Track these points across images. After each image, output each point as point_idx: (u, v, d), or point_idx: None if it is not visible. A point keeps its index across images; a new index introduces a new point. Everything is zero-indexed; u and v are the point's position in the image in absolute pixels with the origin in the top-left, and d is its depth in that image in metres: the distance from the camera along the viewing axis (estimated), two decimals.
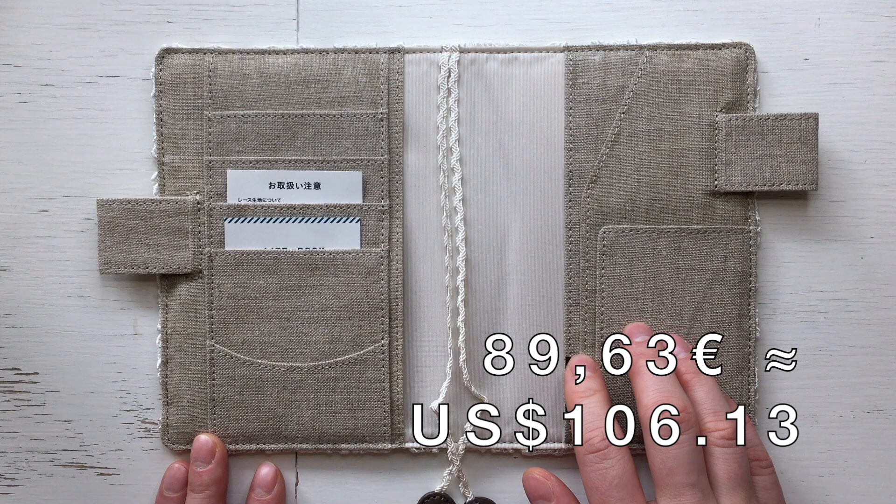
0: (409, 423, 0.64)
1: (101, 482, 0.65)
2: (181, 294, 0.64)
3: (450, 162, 0.63)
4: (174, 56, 0.63)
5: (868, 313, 0.64)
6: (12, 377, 0.65)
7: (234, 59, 0.63)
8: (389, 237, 0.63)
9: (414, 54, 0.63)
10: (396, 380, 0.64)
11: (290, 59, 0.63)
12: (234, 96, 0.63)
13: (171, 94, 0.63)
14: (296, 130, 0.63)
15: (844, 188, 0.64)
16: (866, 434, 0.64)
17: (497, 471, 0.65)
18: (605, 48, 0.63)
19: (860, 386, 0.64)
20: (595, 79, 0.63)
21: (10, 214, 0.64)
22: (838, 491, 0.64)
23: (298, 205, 0.63)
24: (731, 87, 0.62)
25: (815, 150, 0.62)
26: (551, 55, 0.63)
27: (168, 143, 0.64)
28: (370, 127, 0.63)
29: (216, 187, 0.63)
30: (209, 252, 0.63)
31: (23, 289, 0.65)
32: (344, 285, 0.63)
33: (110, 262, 0.63)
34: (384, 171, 0.63)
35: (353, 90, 0.63)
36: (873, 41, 0.63)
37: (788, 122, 0.62)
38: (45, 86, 0.64)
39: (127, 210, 0.63)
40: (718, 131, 0.62)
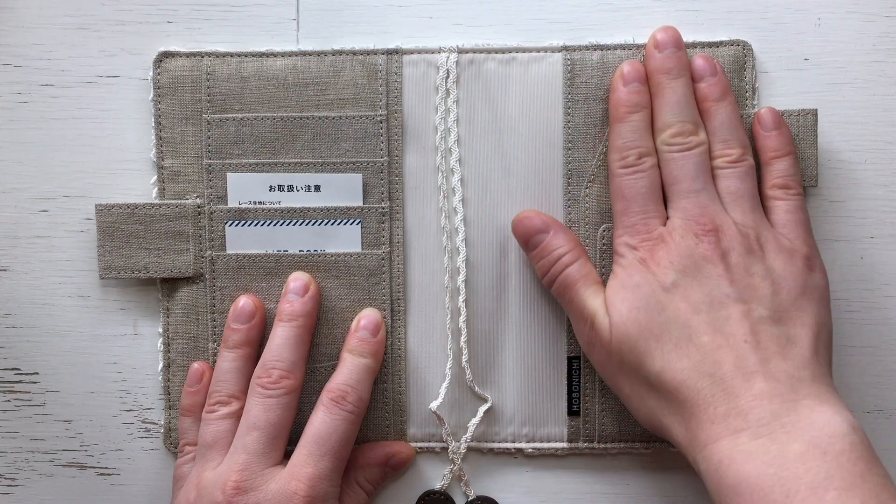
0: (412, 424, 0.64)
1: (101, 482, 0.65)
2: (182, 298, 0.64)
3: (449, 163, 0.63)
4: (172, 60, 0.63)
5: (868, 313, 0.64)
6: (12, 377, 0.65)
7: (232, 62, 0.63)
8: (390, 239, 0.63)
9: (412, 55, 0.63)
10: (399, 380, 0.64)
11: (289, 62, 0.63)
12: (233, 99, 0.63)
13: (170, 97, 0.63)
14: (295, 133, 0.63)
15: (844, 188, 0.63)
16: (866, 434, 0.64)
17: (499, 469, 0.65)
18: (603, 48, 0.63)
19: (860, 386, 0.64)
20: (593, 78, 0.63)
21: (10, 214, 0.64)
22: None
23: (299, 207, 0.63)
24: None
25: (815, 146, 0.62)
26: (549, 55, 0.63)
27: (167, 146, 0.63)
28: (369, 129, 0.63)
29: (216, 191, 0.63)
30: (210, 255, 0.63)
31: (23, 289, 0.65)
32: (346, 287, 0.63)
33: (110, 266, 0.63)
34: (384, 173, 0.63)
35: (351, 92, 0.63)
36: (873, 41, 0.63)
37: (787, 119, 0.61)
38: (45, 86, 0.64)
39: (126, 214, 0.63)
40: None
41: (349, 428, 0.59)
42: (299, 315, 0.61)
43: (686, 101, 0.59)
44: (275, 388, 0.59)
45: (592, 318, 0.58)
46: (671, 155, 0.58)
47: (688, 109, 0.59)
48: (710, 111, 0.60)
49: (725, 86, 0.60)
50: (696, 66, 0.60)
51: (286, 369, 0.60)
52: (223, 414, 0.60)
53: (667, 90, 0.59)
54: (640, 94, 0.60)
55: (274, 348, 0.60)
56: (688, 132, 0.58)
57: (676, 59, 0.60)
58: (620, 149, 0.59)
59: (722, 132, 0.59)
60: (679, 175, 0.58)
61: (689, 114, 0.59)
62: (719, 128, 0.59)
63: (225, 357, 0.61)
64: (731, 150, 0.59)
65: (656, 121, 0.60)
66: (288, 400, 0.60)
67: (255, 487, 0.57)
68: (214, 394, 0.61)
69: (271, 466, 0.58)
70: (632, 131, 0.59)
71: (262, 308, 0.63)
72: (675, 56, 0.60)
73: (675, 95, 0.59)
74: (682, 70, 0.60)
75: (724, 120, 0.59)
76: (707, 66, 0.60)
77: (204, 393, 0.62)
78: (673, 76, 0.60)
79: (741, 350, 0.54)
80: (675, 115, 0.59)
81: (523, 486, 0.64)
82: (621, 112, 0.60)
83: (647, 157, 0.59)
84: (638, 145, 0.59)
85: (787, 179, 0.60)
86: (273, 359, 0.60)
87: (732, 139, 0.59)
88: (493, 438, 0.64)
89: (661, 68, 0.60)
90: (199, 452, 0.60)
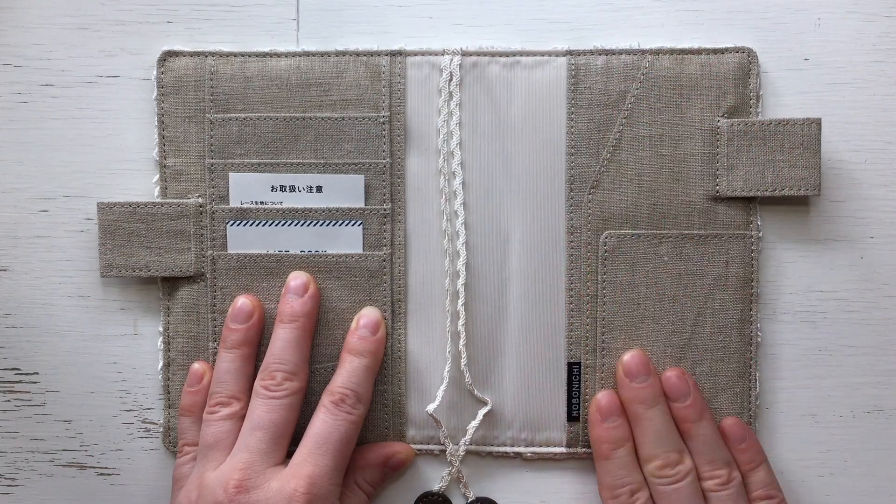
0: (411, 426, 0.64)
1: (101, 482, 0.65)
2: (183, 297, 0.64)
3: (451, 166, 0.63)
4: (175, 59, 0.63)
5: (868, 313, 0.64)
6: (12, 377, 0.65)
7: (235, 62, 0.63)
8: (392, 241, 0.63)
9: (415, 57, 0.63)
10: (399, 382, 0.64)
11: (292, 62, 0.63)
12: (236, 99, 0.63)
13: (173, 97, 0.63)
14: (297, 133, 0.63)
15: (845, 188, 0.64)
16: (866, 434, 0.64)
17: (499, 471, 0.65)
18: (608, 52, 0.63)
19: (860, 386, 0.64)
20: (597, 83, 0.63)
21: (10, 214, 0.64)
22: (838, 491, 0.64)
23: (301, 208, 0.63)
24: (734, 92, 0.62)
25: (818, 156, 0.62)
26: (553, 59, 0.63)
27: (170, 146, 0.63)
28: (372, 130, 0.63)
29: (218, 190, 0.63)
30: (212, 255, 0.63)
31: (23, 289, 0.65)
32: (346, 288, 0.63)
33: (111, 265, 0.63)
34: (386, 175, 0.63)
35: (354, 93, 0.63)
36: (873, 41, 0.63)
37: (791, 128, 0.62)
38: (45, 86, 0.64)
39: (128, 213, 0.63)
40: (720, 136, 0.62)
41: (350, 429, 0.59)
42: (300, 316, 0.61)
43: (666, 430, 0.61)
44: (279, 391, 0.59)
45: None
46: (663, 488, 0.60)
47: (669, 438, 0.61)
48: (690, 432, 0.61)
49: (702, 405, 0.62)
50: (670, 386, 0.62)
51: (289, 371, 0.60)
52: (224, 415, 0.60)
53: (644, 421, 0.61)
54: (619, 428, 0.61)
55: (276, 351, 0.60)
56: (674, 462, 0.60)
57: (650, 388, 0.61)
58: (612, 486, 0.61)
59: (707, 453, 0.61)
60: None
61: (671, 442, 0.61)
62: (703, 449, 0.61)
63: (224, 357, 0.61)
64: (718, 471, 0.60)
65: (640, 449, 0.61)
66: (291, 401, 0.60)
67: (256, 486, 0.57)
68: (215, 395, 0.61)
69: (273, 466, 0.58)
70: (619, 468, 0.61)
71: (261, 307, 0.63)
72: (648, 385, 0.61)
73: (654, 426, 0.61)
74: (657, 398, 0.61)
75: (707, 441, 0.61)
76: (681, 386, 0.62)
77: (204, 393, 0.62)
78: (649, 405, 0.61)
79: None
80: (658, 447, 0.60)
81: (523, 488, 0.65)
82: (605, 449, 0.61)
83: (640, 493, 0.61)
84: (628, 482, 0.61)
85: (768, 490, 0.61)
86: (276, 361, 0.60)
87: (718, 459, 0.61)
88: (492, 442, 0.64)
89: (636, 399, 0.61)
90: (201, 453, 0.60)
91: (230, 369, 0.61)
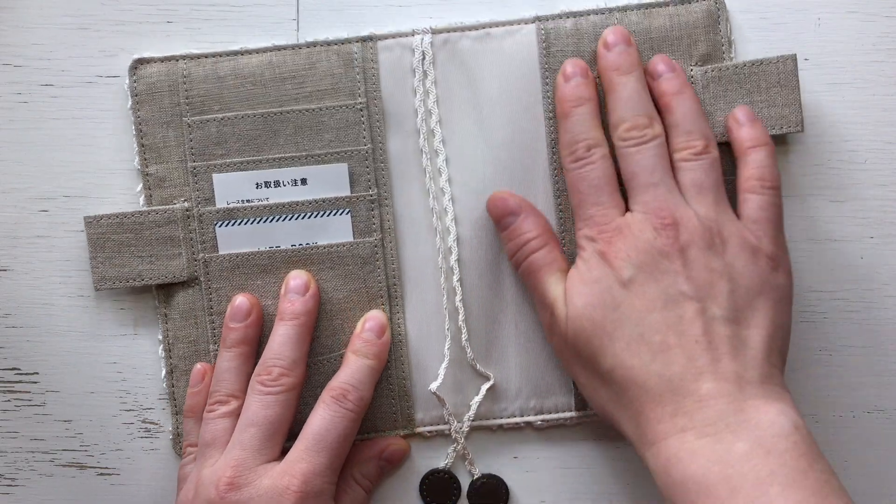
0: (419, 408, 0.64)
1: (101, 482, 0.65)
2: (179, 302, 0.64)
3: (432, 144, 0.63)
4: (147, 66, 0.63)
5: (868, 313, 0.64)
6: (12, 377, 0.65)
7: (207, 62, 0.63)
8: (381, 226, 0.63)
9: (386, 40, 0.63)
10: (402, 366, 0.64)
11: (264, 58, 0.63)
12: (212, 100, 0.63)
13: (148, 104, 0.63)
14: (277, 128, 0.63)
15: (844, 188, 0.63)
16: (866, 434, 0.64)
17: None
18: (576, 14, 0.63)
19: (860, 386, 0.64)
20: (568, 46, 0.62)
21: (10, 214, 0.65)
22: None
23: (287, 202, 0.63)
24: (705, 40, 0.62)
25: (797, 91, 0.61)
26: (522, 27, 0.63)
27: (150, 153, 0.63)
28: (350, 118, 0.63)
29: (203, 193, 0.63)
30: (203, 258, 0.63)
31: (23, 289, 0.65)
32: (341, 278, 0.63)
33: (104, 277, 0.63)
34: (369, 161, 0.63)
35: (329, 83, 0.63)
36: (873, 41, 0.63)
37: (766, 67, 0.61)
38: (45, 86, 0.64)
39: (116, 224, 0.63)
40: (695, 84, 0.62)
41: (348, 426, 0.59)
42: (301, 314, 0.61)
43: (639, 96, 0.58)
44: (274, 386, 0.59)
45: (553, 307, 0.58)
46: (627, 150, 0.58)
47: (641, 103, 0.58)
48: (669, 105, 0.59)
49: (684, 80, 0.60)
50: (653, 65, 0.60)
51: (286, 367, 0.60)
52: (222, 413, 0.60)
53: (618, 86, 0.59)
54: (581, 86, 0.60)
55: (275, 346, 0.60)
56: (642, 125, 0.58)
57: (626, 56, 0.59)
58: (568, 143, 0.59)
59: (684, 124, 0.58)
60: (636, 169, 0.57)
61: (642, 107, 0.58)
62: (681, 120, 0.58)
63: (223, 357, 0.61)
64: (694, 141, 0.58)
65: (611, 118, 0.59)
66: (286, 397, 0.59)
67: (248, 483, 0.57)
68: (214, 393, 0.61)
69: (266, 462, 0.58)
70: (578, 124, 0.59)
71: (259, 305, 0.63)
72: (625, 52, 0.59)
73: (626, 91, 0.59)
74: (633, 66, 0.59)
75: (686, 111, 0.59)
76: (664, 63, 0.60)
77: (205, 393, 0.62)
78: (623, 72, 0.59)
79: (692, 350, 0.54)
80: (628, 110, 0.58)
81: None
82: (566, 108, 0.59)
83: (597, 148, 0.58)
84: (585, 137, 0.58)
85: (763, 170, 0.58)
86: (273, 357, 0.60)
87: (695, 131, 0.58)
88: (500, 415, 0.64)
89: (612, 66, 0.59)
90: (200, 451, 0.60)
91: (229, 368, 0.61)
